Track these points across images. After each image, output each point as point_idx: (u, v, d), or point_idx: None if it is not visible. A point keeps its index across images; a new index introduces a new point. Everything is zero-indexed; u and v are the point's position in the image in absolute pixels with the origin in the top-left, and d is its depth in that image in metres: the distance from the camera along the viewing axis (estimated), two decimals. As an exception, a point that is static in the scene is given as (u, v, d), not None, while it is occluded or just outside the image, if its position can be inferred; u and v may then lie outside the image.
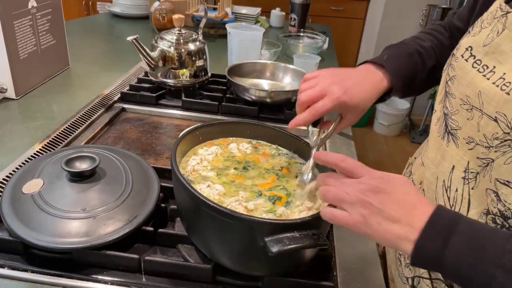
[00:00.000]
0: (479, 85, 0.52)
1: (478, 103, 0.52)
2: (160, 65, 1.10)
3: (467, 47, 0.56)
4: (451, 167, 0.57)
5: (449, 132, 0.58)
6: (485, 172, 0.52)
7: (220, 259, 0.58)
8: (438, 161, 0.61)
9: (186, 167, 0.65)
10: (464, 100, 0.54)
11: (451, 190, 0.57)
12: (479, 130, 0.52)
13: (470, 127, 0.54)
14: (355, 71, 0.72)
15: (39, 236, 0.58)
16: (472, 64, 0.54)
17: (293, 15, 1.88)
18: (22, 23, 1.05)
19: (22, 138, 0.90)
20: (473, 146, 0.53)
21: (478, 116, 0.52)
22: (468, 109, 0.54)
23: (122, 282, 0.58)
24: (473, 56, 0.55)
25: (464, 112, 0.55)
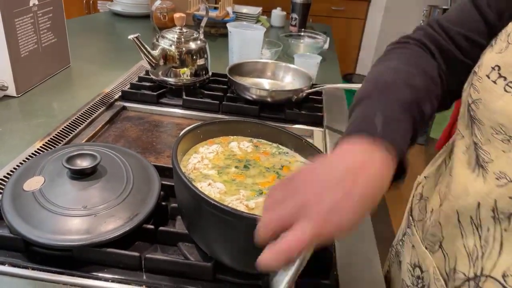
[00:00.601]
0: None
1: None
2: (161, 63, 1.10)
3: (494, 66, 0.48)
4: (475, 204, 0.49)
5: (480, 165, 0.50)
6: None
7: (221, 257, 0.58)
8: (459, 194, 0.52)
9: (187, 165, 0.65)
10: (497, 129, 0.46)
11: (483, 230, 0.50)
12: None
13: (506, 160, 0.46)
14: (345, 168, 0.44)
15: (40, 233, 0.58)
16: (504, 88, 0.46)
17: (294, 14, 1.88)
18: (23, 21, 1.05)
19: (23, 136, 0.90)
20: (505, 183, 0.46)
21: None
22: (504, 139, 0.46)
23: (122, 280, 0.58)
24: (503, 78, 0.46)
25: (497, 143, 0.47)
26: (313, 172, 0.46)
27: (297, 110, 1.11)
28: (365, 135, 0.47)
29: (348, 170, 0.44)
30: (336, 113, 1.16)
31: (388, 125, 0.49)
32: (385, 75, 0.57)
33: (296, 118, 1.09)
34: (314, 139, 1.03)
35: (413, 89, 0.54)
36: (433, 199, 0.62)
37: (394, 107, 0.52)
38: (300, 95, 1.12)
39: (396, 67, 0.58)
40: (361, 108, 0.53)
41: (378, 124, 0.49)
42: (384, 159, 0.46)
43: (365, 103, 0.54)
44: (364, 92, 0.56)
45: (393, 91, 0.54)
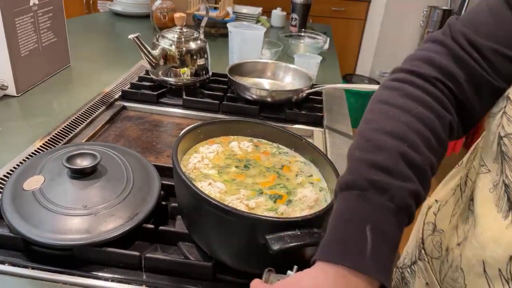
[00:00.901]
0: None
1: None
2: (161, 63, 1.10)
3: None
4: (507, 257, 0.43)
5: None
6: None
7: (221, 256, 0.58)
8: (487, 242, 0.45)
9: (188, 165, 0.65)
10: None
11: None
12: None
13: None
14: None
15: (39, 232, 0.58)
16: None
17: (294, 15, 1.88)
18: (23, 20, 1.05)
19: (23, 135, 0.90)
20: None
21: None
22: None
23: (122, 279, 0.58)
24: None
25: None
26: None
27: (297, 110, 1.11)
28: (349, 266, 0.40)
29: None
30: (336, 113, 1.16)
31: (378, 250, 0.40)
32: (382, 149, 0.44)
33: (296, 118, 1.09)
34: (314, 139, 1.03)
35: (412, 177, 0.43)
36: (449, 235, 0.56)
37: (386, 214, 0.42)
38: (300, 95, 1.12)
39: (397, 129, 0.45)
40: (348, 206, 0.43)
41: (367, 249, 0.40)
42: None
43: (353, 197, 0.43)
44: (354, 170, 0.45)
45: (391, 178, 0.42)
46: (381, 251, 0.40)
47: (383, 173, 0.42)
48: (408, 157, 0.43)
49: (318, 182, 0.66)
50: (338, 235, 0.42)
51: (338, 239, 0.42)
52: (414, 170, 0.43)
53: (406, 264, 0.71)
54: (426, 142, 0.44)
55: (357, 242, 0.40)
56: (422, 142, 0.44)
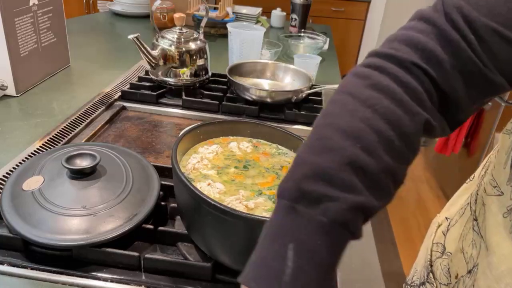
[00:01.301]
0: None
1: None
2: (161, 63, 1.10)
3: None
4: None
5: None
6: None
7: (220, 257, 0.58)
8: (502, 274, 0.41)
9: (187, 165, 0.65)
10: None
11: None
12: None
13: None
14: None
15: (39, 233, 0.58)
16: None
17: (293, 15, 1.88)
18: (23, 21, 1.05)
19: (23, 135, 0.90)
20: None
21: None
22: None
23: (121, 280, 0.58)
24: None
25: None
26: None
27: (297, 111, 1.11)
28: None
29: None
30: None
31: (300, 274, 0.34)
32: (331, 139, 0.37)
33: (295, 119, 1.09)
34: (313, 140, 1.03)
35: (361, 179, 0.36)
36: (457, 260, 0.52)
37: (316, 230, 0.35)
38: (299, 96, 1.12)
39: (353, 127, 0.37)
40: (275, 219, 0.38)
41: (285, 273, 0.34)
42: None
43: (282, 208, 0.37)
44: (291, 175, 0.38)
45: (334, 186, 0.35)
46: (305, 275, 0.34)
47: (322, 181, 0.35)
48: (357, 161, 0.35)
49: (318, 183, 0.66)
50: (258, 254, 0.37)
51: (257, 259, 0.36)
52: (362, 178, 0.35)
53: (415, 283, 0.68)
54: (386, 144, 0.36)
55: (275, 264, 0.34)
56: (380, 144, 0.36)
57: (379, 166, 0.36)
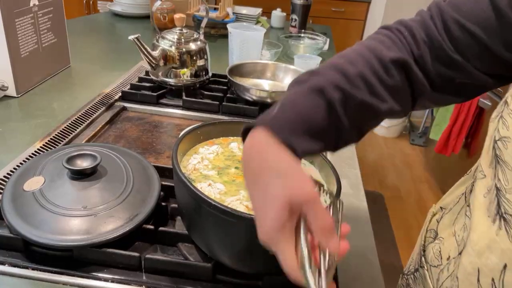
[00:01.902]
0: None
1: None
2: (161, 64, 1.11)
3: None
4: (502, 265, 0.43)
5: (502, 216, 0.43)
6: None
7: (221, 257, 0.58)
8: (482, 250, 0.45)
9: (187, 165, 0.66)
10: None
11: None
12: None
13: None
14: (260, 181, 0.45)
15: (40, 233, 0.58)
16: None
17: (294, 15, 1.89)
18: (23, 21, 1.05)
19: (23, 136, 0.90)
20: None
21: None
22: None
23: (122, 280, 0.58)
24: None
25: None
26: None
27: (297, 111, 1.11)
28: (255, 125, 0.48)
29: None
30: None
31: (282, 114, 0.47)
32: (332, 60, 0.51)
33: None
34: (313, 140, 1.03)
35: (340, 74, 0.48)
36: (449, 244, 0.56)
37: (303, 91, 0.48)
38: (300, 96, 1.12)
39: (345, 53, 0.51)
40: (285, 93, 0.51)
41: (272, 113, 0.47)
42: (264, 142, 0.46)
43: (290, 87, 0.51)
44: None
45: (320, 74, 0.49)
46: (284, 114, 0.46)
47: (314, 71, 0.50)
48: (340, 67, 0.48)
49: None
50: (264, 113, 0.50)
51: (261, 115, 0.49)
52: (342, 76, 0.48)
53: (410, 271, 0.71)
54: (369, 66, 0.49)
55: (270, 110, 0.48)
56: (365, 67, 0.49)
57: (356, 71, 0.48)
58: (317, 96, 0.47)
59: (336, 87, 0.47)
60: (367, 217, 0.78)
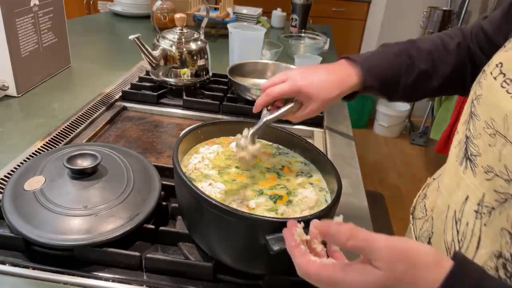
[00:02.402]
0: (506, 108, 0.45)
1: (503, 128, 0.46)
2: (162, 64, 1.11)
3: (497, 63, 0.49)
4: (464, 197, 0.51)
5: (468, 158, 0.51)
6: (502, 209, 0.46)
7: (221, 257, 0.58)
8: (452, 188, 0.54)
9: (188, 165, 0.66)
10: (489, 124, 0.48)
11: (462, 224, 0.52)
12: (500, 159, 0.46)
13: (491, 154, 0.47)
14: (325, 65, 0.71)
15: (40, 232, 0.58)
16: (501, 84, 0.47)
17: (294, 15, 1.88)
18: (24, 21, 1.05)
19: (24, 135, 0.90)
20: (492, 177, 0.47)
21: (501, 143, 0.46)
22: (491, 134, 0.47)
23: (123, 279, 0.58)
24: (503, 74, 0.48)
25: (486, 137, 0.48)
26: (302, 66, 0.75)
27: (297, 111, 1.11)
28: (348, 58, 0.70)
29: (326, 65, 0.71)
30: (336, 114, 1.16)
31: (369, 57, 0.69)
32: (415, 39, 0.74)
33: (296, 119, 1.09)
34: (314, 140, 1.03)
35: (415, 48, 0.70)
36: (433, 198, 0.64)
37: (387, 50, 0.71)
38: (300, 96, 1.11)
39: (421, 37, 0.75)
40: None
41: (366, 55, 0.70)
42: (349, 69, 0.68)
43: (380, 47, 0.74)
44: None
45: (398, 44, 0.72)
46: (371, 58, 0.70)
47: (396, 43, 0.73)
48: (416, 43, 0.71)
49: (318, 183, 0.66)
50: None
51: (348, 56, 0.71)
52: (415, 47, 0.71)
53: None
54: None
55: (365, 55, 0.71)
56: None
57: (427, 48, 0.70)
58: (397, 57, 0.69)
59: (408, 55, 0.69)
60: (367, 217, 0.78)
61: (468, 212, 0.51)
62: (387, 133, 3.38)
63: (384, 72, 0.69)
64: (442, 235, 0.54)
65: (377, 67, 0.69)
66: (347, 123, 1.13)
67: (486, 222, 0.48)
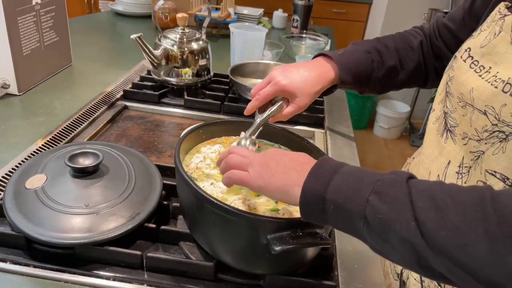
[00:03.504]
0: (472, 83, 0.54)
1: (470, 99, 0.54)
2: (163, 63, 1.11)
3: (466, 49, 0.58)
4: (447, 162, 0.59)
5: (448, 130, 0.60)
6: (476, 165, 0.54)
7: (222, 256, 0.58)
8: (435, 157, 0.62)
9: (189, 164, 0.66)
10: (460, 98, 0.57)
11: None
12: (471, 124, 0.54)
13: (464, 123, 0.56)
14: (303, 62, 0.76)
15: (41, 231, 0.58)
16: (470, 65, 0.56)
17: (295, 16, 1.89)
18: (26, 19, 1.05)
19: (25, 134, 0.90)
20: (467, 141, 0.55)
21: (470, 112, 0.54)
22: (463, 106, 0.56)
23: (124, 278, 0.58)
24: (471, 57, 0.56)
25: (460, 110, 0.57)
26: (282, 65, 0.77)
27: (298, 111, 1.11)
28: (324, 55, 0.77)
29: (305, 63, 0.76)
30: (337, 115, 1.17)
31: (343, 54, 0.76)
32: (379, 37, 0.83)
33: (297, 119, 1.09)
34: (315, 140, 1.03)
35: (382, 45, 0.79)
36: (415, 170, 0.71)
37: (358, 48, 0.79)
38: (301, 96, 1.12)
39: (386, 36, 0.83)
40: None
41: (338, 52, 0.77)
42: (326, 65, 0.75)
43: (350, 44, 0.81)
44: None
45: (367, 42, 0.80)
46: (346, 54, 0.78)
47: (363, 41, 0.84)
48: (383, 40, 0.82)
49: (320, 183, 0.66)
50: None
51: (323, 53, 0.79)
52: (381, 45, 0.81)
53: None
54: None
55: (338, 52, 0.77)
56: None
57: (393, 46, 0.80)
58: (367, 54, 0.77)
59: (378, 52, 0.78)
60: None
61: (450, 174, 0.58)
62: (387, 135, 3.38)
63: (357, 68, 0.76)
64: None
65: (350, 63, 0.76)
66: (348, 123, 1.13)
67: (467, 180, 0.56)
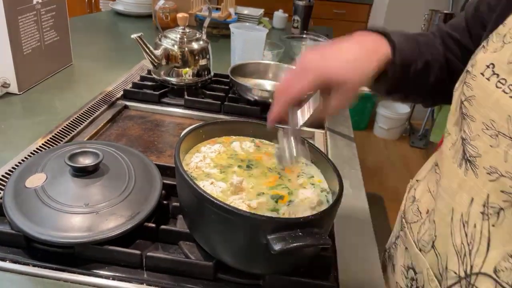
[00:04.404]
0: (508, 109, 0.46)
1: (507, 129, 0.46)
2: (163, 63, 1.11)
3: (488, 65, 0.50)
4: (469, 200, 0.51)
5: (467, 160, 0.52)
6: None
7: (222, 256, 0.58)
8: (454, 191, 0.54)
9: (189, 163, 0.66)
10: (488, 125, 0.48)
11: (469, 226, 0.51)
12: (507, 160, 0.46)
13: (494, 155, 0.48)
14: (344, 38, 0.57)
15: (41, 230, 0.58)
16: (496, 84, 0.48)
17: (296, 17, 1.89)
18: (26, 19, 1.05)
19: (25, 133, 0.90)
20: (496, 178, 0.47)
21: (507, 145, 0.46)
22: (492, 135, 0.48)
23: (123, 278, 0.58)
24: (496, 75, 0.49)
25: (486, 138, 0.49)
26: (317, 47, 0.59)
27: (299, 112, 1.11)
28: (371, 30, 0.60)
29: (348, 38, 0.58)
30: (337, 116, 1.17)
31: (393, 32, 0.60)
32: None
33: (297, 120, 1.09)
34: (315, 141, 1.03)
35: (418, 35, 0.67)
36: (425, 200, 0.65)
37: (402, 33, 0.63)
38: (301, 97, 1.12)
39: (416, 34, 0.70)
40: None
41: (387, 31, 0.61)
42: (378, 38, 0.58)
43: None
44: None
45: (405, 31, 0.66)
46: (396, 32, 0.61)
47: None
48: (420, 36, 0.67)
49: (320, 183, 0.66)
50: None
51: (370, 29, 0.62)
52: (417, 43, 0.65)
53: (391, 242, 0.77)
54: None
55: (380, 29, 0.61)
56: None
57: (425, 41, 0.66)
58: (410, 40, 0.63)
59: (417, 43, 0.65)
60: (368, 218, 0.78)
61: (474, 214, 0.51)
62: (387, 136, 3.38)
63: (407, 52, 0.60)
64: (449, 238, 0.54)
65: (400, 43, 0.59)
66: (348, 124, 1.13)
67: (495, 223, 0.48)
